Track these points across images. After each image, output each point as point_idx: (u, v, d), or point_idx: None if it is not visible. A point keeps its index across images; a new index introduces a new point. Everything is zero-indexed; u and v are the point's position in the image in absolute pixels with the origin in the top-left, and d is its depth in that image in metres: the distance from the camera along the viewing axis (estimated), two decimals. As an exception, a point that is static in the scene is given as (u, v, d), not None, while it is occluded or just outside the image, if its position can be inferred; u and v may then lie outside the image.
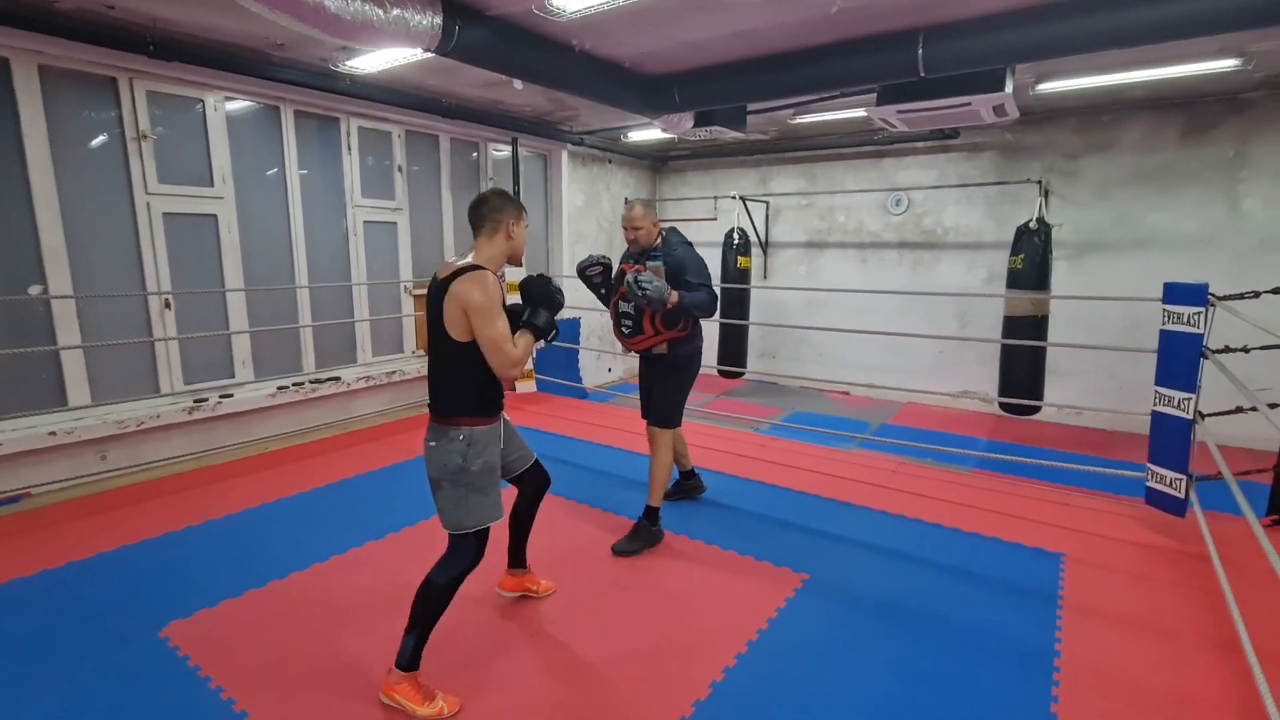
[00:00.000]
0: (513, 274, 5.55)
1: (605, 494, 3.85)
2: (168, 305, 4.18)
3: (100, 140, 3.87)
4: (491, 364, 2.04)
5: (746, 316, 6.51)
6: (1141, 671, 2.28)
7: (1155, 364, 3.39)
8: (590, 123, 6.17)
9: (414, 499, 3.61)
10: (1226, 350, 3.19)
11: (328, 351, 5.14)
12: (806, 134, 6.38)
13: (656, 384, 3.26)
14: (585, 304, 3.31)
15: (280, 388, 4.68)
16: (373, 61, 4.13)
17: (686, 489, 3.77)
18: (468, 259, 2.09)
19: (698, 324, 3.21)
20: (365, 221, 5.25)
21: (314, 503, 3.68)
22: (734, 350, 6.54)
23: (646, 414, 3.37)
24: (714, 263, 6.43)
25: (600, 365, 7.49)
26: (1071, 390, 5.50)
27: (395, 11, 2.80)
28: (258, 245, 4.62)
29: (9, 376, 3.62)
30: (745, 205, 6.88)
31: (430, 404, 2.14)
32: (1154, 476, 3.41)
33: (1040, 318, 4.96)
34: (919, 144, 6.13)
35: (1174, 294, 3.29)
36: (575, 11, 3.17)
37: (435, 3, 2.97)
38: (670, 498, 3.62)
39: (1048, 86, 4.44)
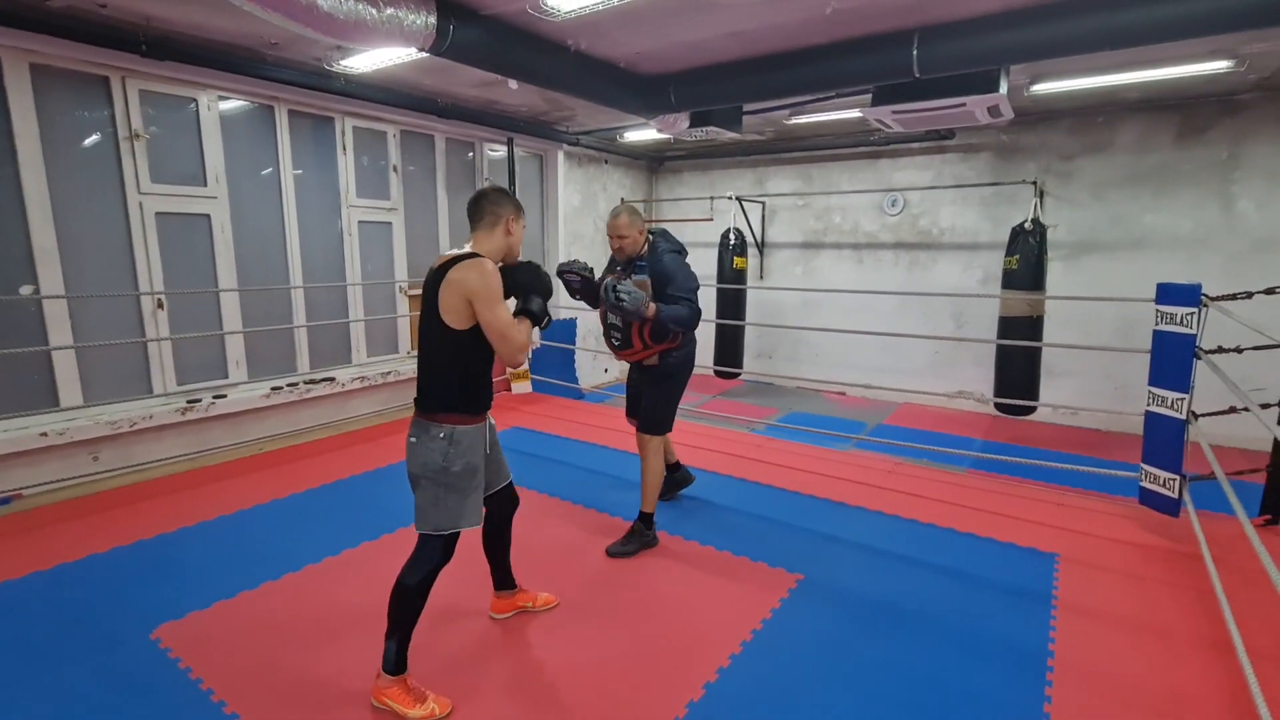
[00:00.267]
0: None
1: (600, 495, 3.84)
2: (160, 305, 4.16)
3: (92, 139, 3.85)
4: (498, 349, 2.00)
5: (743, 317, 6.51)
6: (1135, 671, 2.29)
7: (1149, 364, 3.40)
8: (586, 123, 6.16)
9: (408, 500, 3.55)
10: (1220, 350, 3.21)
11: (322, 352, 5.13)
12: (802, 134, 6.39)
13: (647, 391, 3.22)
14: (582, 305, 3.29)
15: (274, 388, 4.66)
16: (367, 61, 4.12)
17: (676, 480, 3.76)
18: (465, 249, 2.08)
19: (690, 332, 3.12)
20: (360, 221, 5.24)
21: (308, 504, 3.66)
22: (730, 351, 6.54)
23: (633, 415, 3.36)
24: (710, 263, 6.48)
25: (596, 366, 7.48)
26: (1066, 390, 5.52)
27: (389, 11, 2.79)
28: (252, 245, 4.59)
29: (0, 377, 3.60)
30: (741, 206, 6.88)
31: (416, 398, 2.11)
32: (1148, 476, 3.42)
33: (1035, 318, 4.98)
34: (915, 145, 6.14)
35: (1167, 294, 3.30)
36: (570, 11, 3.16)
37: (429, 2, 2.96)
38: (663, 497, 3.61)
39: (1042, 88, 4.45)
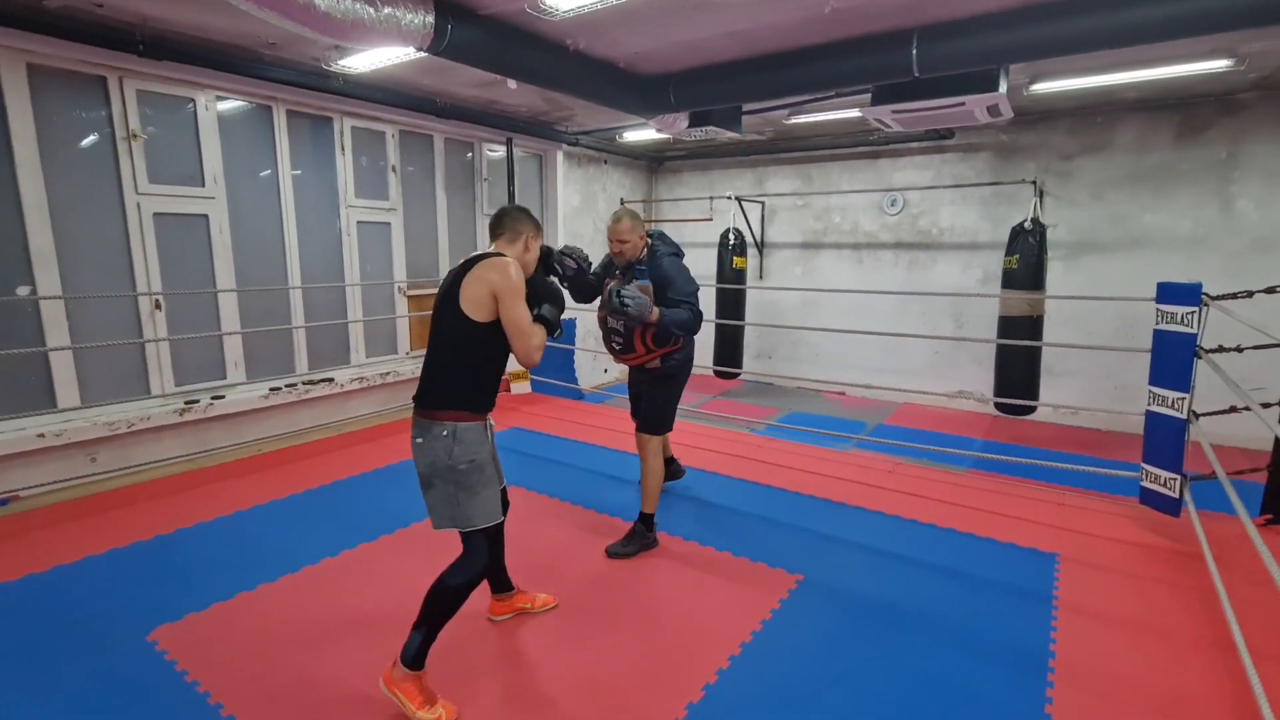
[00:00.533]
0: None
1: (599, 495, 3.83)
2: (158, 306, 4.15)
3: (90, 140, 3.84)
4: (516, 345, 2.07)
5: (742, 317, 6.50)
6: (1136, 671, 2.28)
7: (1149, 364, 3.39)
8: (586, 123, 6.15)
9: (407, 500, 3.59)
10: (1220, 350, 3.20)
11: (321, 352, 5.11)
12: (802, 134, 6.38)
13: (648, 393, 3.25)
14: (581, 305, 3.29)
15: (273, 389, 4.65)
16: (365, 61, 4.11)
17: (670, 473, 3.78)
18: (490, 249, 2.18)
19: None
20: (359, 222, 5.23)
21: (306, 505, 3.65)
22: (730, 351, 6.53)
23: (638, 417, 3.37)
24: (710, 263, 6.48)
25: (596, 366, 7.47)
26: (1067, 390, 5.51)
27: (386, 10, 2.78)
28: (250, 245, 4.58)
29: (-3, 378, 3.60)
30: (741, 206, 6.87)
31: (417, 396, 2.11)
32: (1148, 476, 3.41)
33: (1035, 318, 4.97)
34: (914, 144, 6.14)
35: (1167, 294, 3.29)
36: (569, 10, 3.15)
37: (427, 1, 2.95)
38: None
39: (1042, 87, 4.45)
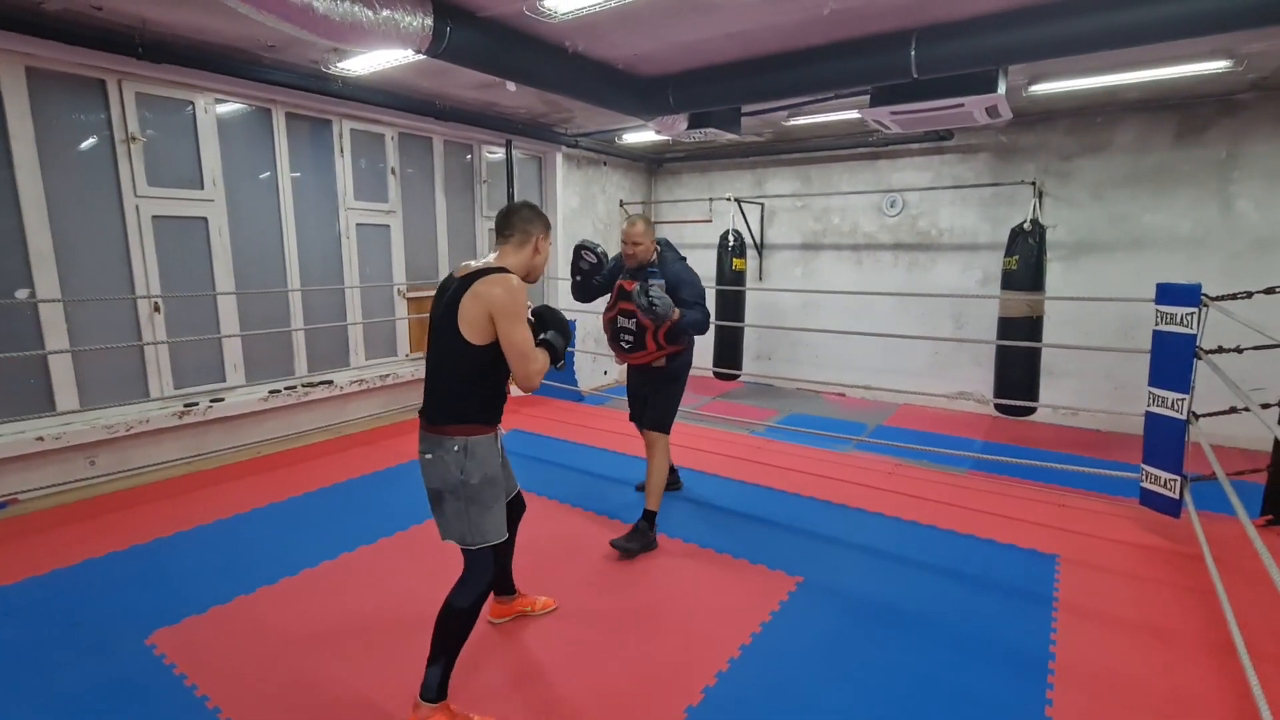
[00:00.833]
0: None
1: (599, 497, 3.83)
2: (157, 309, 4.14)
3: (89, 142, 3.84)
4: (516, 371, 1.93)
5: (742, 318, 6.49)
6: (1136, 673, 2.27)
7: (1149, 364, 3.39)
8: (585, 125, 6.15)
9: (407, 503, 3.59)
10: (1220, 350, 3.20)
11: (320, 355, 5.11)
12: (801, 136, 6.38)
13: (653, 393, 3.32)
14: (580, 307, 3.30)
15: (272, 391, 4.65)
16: (364, 63, 4.11)
17: (668, 483, 3.75)
18: (489, 260, 2.02)
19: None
20: (358, 224, 5.23)
21: (305, 507, 3.65)
22: (730, 352, 6.52)
23: (637, 419, 3.45)
24: (709, 265, 6.47)
25: (596, 368, 7.47)
26: (1066, 391, 5.51)
27: (385, 13, 2.79)
28: (249, 248, 4.58)
29: (-4, 381, 3.59)
30: (740, 207, 6.87)
31: (423, 411, 2.02)
32: (1148, 477, 3.41)
33: (1035, 319, 4.96)
34: (913, 145, 6.14)
35: (1167, 294, 3.29)
36: (567, 12, 3.15)
37: (426, 4, 2.95)
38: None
39: (1041, 88, 4.45)
